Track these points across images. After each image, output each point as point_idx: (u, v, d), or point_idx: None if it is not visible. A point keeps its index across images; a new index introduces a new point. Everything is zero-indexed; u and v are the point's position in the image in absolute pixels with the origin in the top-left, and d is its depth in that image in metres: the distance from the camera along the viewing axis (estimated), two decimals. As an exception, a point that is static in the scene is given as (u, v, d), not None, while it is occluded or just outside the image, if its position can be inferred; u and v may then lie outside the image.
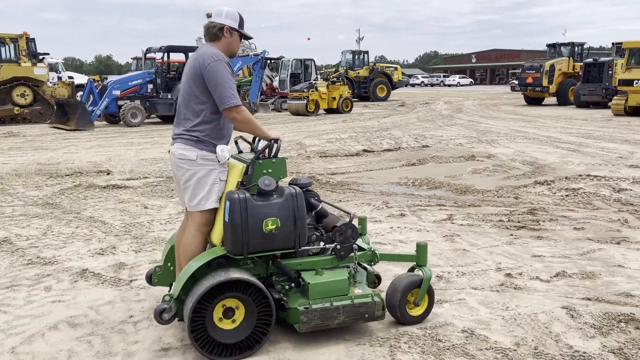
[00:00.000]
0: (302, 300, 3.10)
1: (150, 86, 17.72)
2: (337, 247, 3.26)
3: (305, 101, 20.98)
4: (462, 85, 64.95)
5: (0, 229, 5.60)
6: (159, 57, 18.46)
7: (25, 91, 18.39)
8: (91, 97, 17.43)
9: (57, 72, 27.37)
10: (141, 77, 17.84)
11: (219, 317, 2.97)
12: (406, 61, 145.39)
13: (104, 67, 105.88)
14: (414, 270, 3.54)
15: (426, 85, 67.83)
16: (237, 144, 3.57)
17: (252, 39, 3.52)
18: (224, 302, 2.96)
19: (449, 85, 65.28)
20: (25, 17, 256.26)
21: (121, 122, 17.33)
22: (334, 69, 32.66)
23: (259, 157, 3.19)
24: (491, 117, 19.59)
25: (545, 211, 6.11)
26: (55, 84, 20.14)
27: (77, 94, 19.85)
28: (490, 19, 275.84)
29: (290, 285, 3.22)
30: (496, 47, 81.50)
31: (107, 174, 8.76)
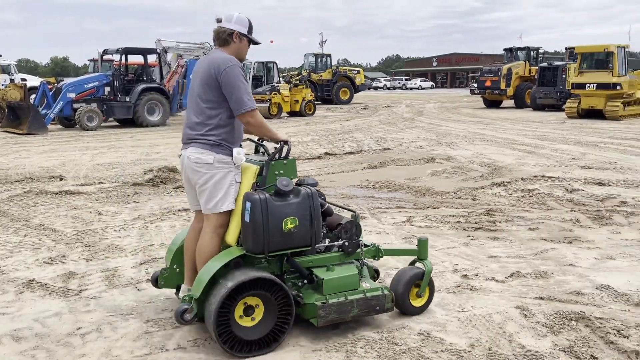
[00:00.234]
0: (318, 295, 3.19)
1: (107, 89, 17.28)
2: (345, 243, 3.38)
3: (267, 104, 20.88)
4: (423, 88, 66.00)
5: (-59, 238, 5.32)
6: (117, 59, 18.04)
7: (-26, 94, 17.65)
8: (45, 100, 16.86)
9: (9, 74, 26.38)
10: (98, 80, 17.38)
11: (239, 314, 3.04)
12: (369, 64, 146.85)
13: (60, 69, 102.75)
14: (415, 263, 3.69)
15: (389, 88, 68.55)
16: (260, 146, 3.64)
17: (260, 44, 3.57)
18: (245, 300, 3.04)
19: (411, 88, 66.19)
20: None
21: (77, 125, 16.82)
22: (296, 72, 32.64)
23: (272, 159, 3.28)
24: (451, 119, 19.94)
25: (501, 212, 6.22)
26: (6, 87, 19.37)
27: (31, 96, 19.16)
28: (450, 23, 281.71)
29: (302, 282, 3.32)
30: (456, 51, 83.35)
31: (60, 180, 8.46)
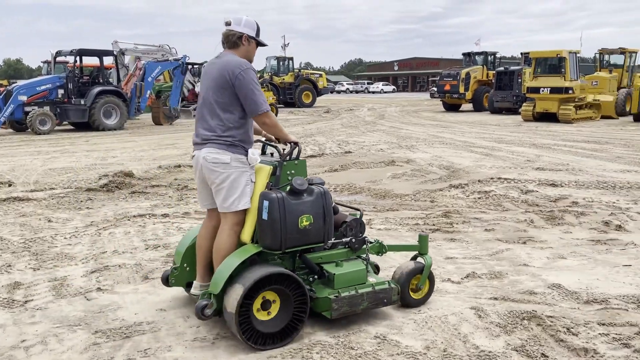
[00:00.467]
0: (329, 290, 3.34)
1: (61, 91, 16.75)
2: (352, 240, 3.55)
3: (228, 107, 20.63)
4: (385, 92, 66.75)
5: None
6: (71, 61, 17.51)
7: None
8: (-5, 103, 16.22)
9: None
10: (51, 82, 16.82)
11: (257, 308, 3.15)
12: (332, 68, 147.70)
13: (14, 71, 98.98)
14: (416, 258, 3.86)
15: (351, 92, 69.11)
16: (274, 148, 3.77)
17: (267, 45, 3.65)
18: (264, 294, 3.15)
19: (373, 92, 66.87)
20: None
21: (28, 129, 16.23)
22: (258, 75, 32.46)
23: (285, 160, 3.41)
24: (412, 123, 20.21)
25: (458, 214, 6.31)
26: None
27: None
28: (411, 28, 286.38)
29: (313, 277, 3.45)
30: (417, 56, 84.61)
31: (9, 186, 8.11)
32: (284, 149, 3.54)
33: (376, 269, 3.87)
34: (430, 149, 12.16)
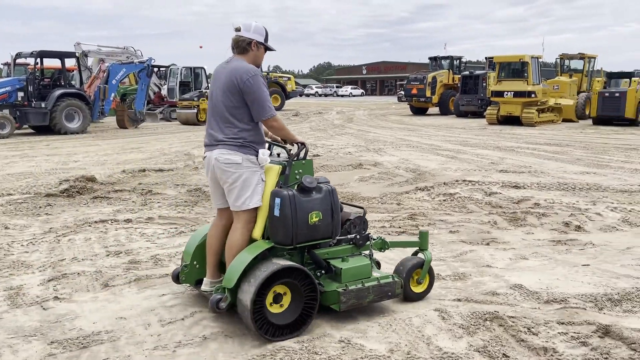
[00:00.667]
0: (337, 284, 3.49)
1: (21, 94, 16.26)
2: (357, 237, 3.72)
3: (195, 110, 20.44)
4: (354, 95, 67.21)
5: None
6: (32, 63, 17.02)
7: None
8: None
9: None
10: (10, 84, 16.31)
11: (269, 302, 3.27)
12: (301, 71, 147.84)
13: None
14: (417, 254, 4.04)
15: (320, 95, 69.24)
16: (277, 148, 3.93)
17: (275, 51, 3.74)
18: (275, 288, 3.28)
19: (342, 95, 67.23)
20: None
21: (-14, 133, 15.69)
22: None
23: (293, 159, 3.56)
24: (379, 126, 20.37)
25: (424, 216, 6.37)
26: None
27: None
28: (379, 32, 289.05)
29: (320, 272, 3.58)
30: (385, 60, 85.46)
31: (-37, 192, 7.80)
32: (290, 149, 3.72)
33: (377, 265, 4.00)
34: (397, 152, 12.26)
